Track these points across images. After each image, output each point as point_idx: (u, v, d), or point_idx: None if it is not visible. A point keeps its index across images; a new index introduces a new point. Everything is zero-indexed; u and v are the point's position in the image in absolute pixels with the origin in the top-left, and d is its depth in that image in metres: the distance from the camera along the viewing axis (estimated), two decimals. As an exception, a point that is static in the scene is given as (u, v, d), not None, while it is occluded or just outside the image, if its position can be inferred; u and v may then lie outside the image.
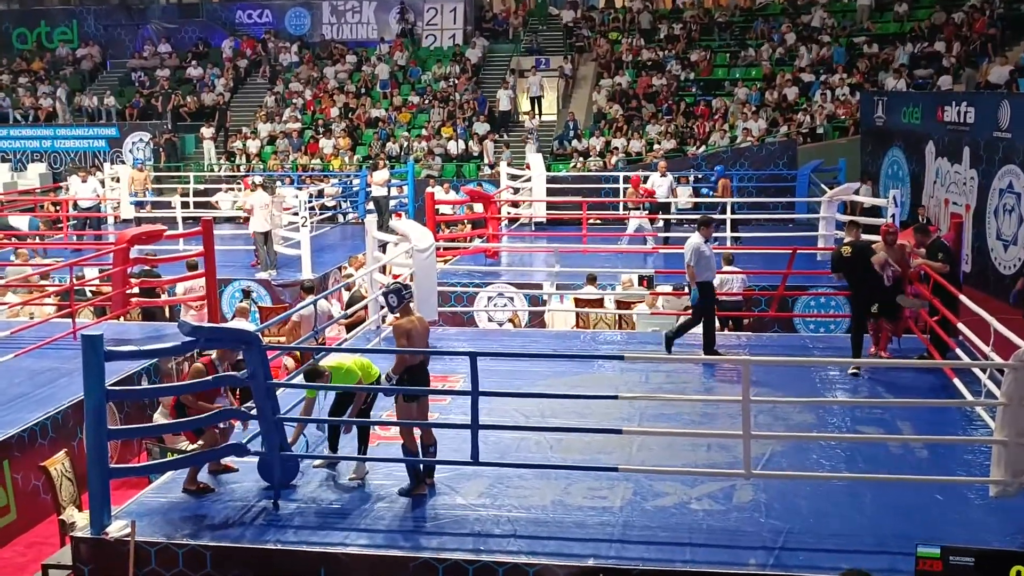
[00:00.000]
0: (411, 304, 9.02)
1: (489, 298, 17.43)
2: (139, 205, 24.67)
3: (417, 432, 8.64)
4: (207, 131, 31.16)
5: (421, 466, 8.64)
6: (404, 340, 8.59)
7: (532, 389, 11.10)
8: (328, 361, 9.00)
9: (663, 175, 20.51)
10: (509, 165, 25.57)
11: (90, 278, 16.76)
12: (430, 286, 13.67)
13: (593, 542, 7.75)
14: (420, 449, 8.63)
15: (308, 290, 14.70)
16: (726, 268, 15.52)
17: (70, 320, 14.17)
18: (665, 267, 17.70)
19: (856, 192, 19.68)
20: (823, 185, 21.33)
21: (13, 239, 20.73)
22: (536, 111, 31.79)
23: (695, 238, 12.28)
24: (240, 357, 8.62)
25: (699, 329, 12.32)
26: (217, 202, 25.02)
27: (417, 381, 8.60)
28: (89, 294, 16.94)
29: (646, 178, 20.89)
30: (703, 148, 27.57)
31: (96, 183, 22.97)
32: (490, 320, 17.38)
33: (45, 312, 15.92)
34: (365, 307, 14.00)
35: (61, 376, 12.45)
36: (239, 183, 26.54)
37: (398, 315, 8.89)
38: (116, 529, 7.97)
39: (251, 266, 19.48)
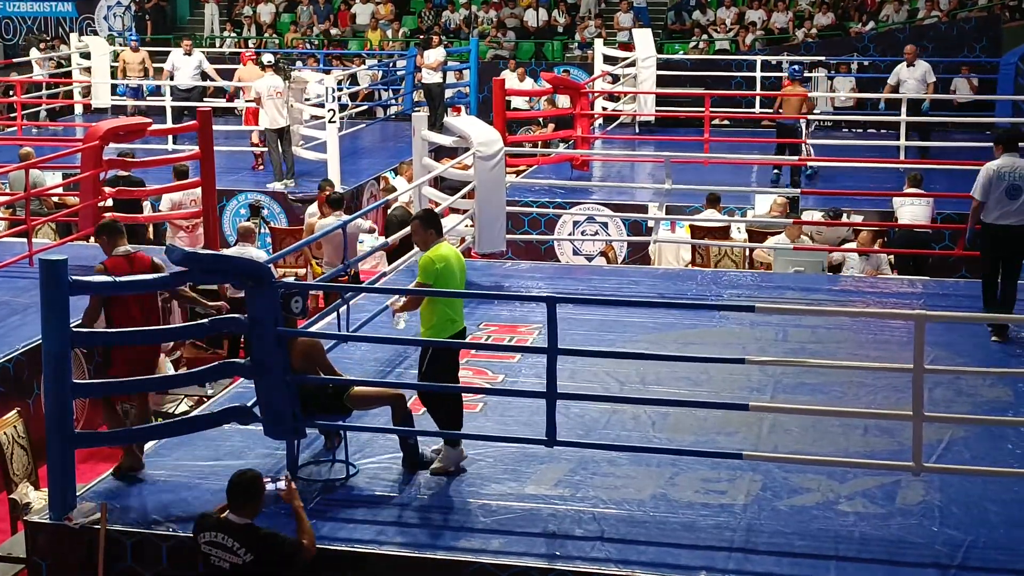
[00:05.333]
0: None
1: (575, 223, 17.42)
2: (134, 95, 24.47)
3: None
4: (208, -8, 31.38)
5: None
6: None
7: (630, 347, 11.11)
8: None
9: (911, 65, 20.06)
10: (606, 44, 25.39)
11: (51, 186, 17.05)
12: (496, 206, 13.71)
13: (706, 550, 7.78)
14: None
15: (335, 204, 14.84)
16: (910, 190, 15.47)
17: (25, 240, 14.45)
18: (817, 186, 17.57)
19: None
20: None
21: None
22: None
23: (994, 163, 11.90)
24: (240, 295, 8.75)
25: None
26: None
27: None
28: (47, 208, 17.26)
29: None
30: (871, 25, 27.12)
31: (202, 57, 23.09)
32: (576, 253, 17.40)
33: (-7, 229, 16.26)
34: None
35: (12, 313, 12.74)
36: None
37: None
38: (82, 513, 8.17)
39: (252, 168, 19.76)
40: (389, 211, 15.71)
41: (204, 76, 22.80)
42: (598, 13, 29.08)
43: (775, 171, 18.95)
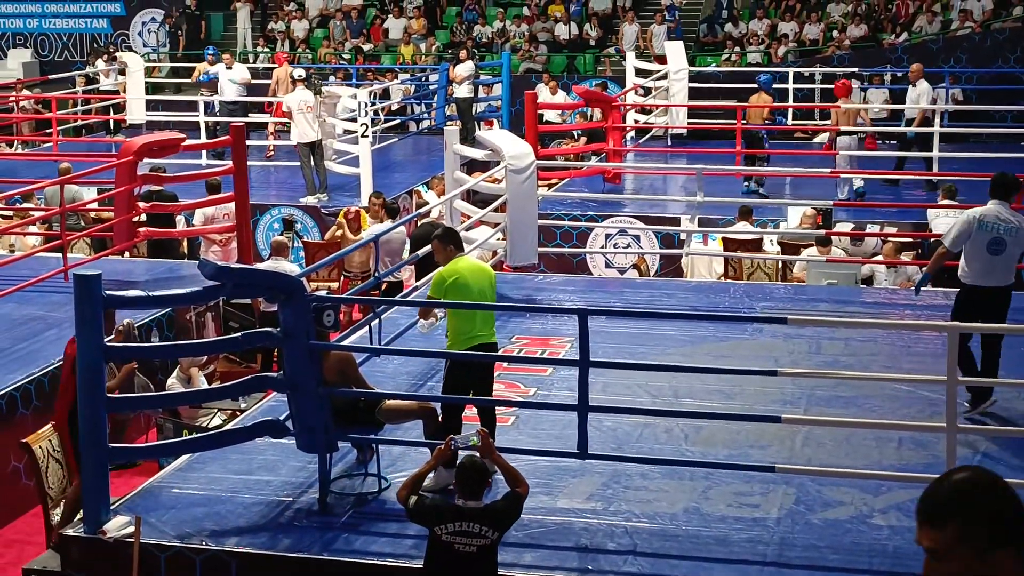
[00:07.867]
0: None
1: (607, 236, 17.42)
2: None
3: None
4: (241, 8, 31.52)
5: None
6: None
7: (662, 359, 11.10)
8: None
9: (912, 84, 19.42)
10: (638, 57, 25.39)
11: (87, 201, 17.16)
12: (528, 219, 13.72)
13: (739, 564, 7.77)
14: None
15: (392, 213, 14.88)
16: (944, 202, 15.44)
17: (60, 255, 14.54)
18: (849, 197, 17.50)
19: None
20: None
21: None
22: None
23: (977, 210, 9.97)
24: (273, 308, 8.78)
25: None
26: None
27: None
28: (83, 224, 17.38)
29: None
30: (904, 36, 27.04)
31: (244, 69, 23.01)
32: (608, 266, 17.40)
33: (28, 244, 16.38)
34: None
35: (48, 327, 12.83)
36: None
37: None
38: (116, 527, 8.21)
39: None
40: (418, 225, 15.75)
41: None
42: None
43: (746, 183, 18.99)
